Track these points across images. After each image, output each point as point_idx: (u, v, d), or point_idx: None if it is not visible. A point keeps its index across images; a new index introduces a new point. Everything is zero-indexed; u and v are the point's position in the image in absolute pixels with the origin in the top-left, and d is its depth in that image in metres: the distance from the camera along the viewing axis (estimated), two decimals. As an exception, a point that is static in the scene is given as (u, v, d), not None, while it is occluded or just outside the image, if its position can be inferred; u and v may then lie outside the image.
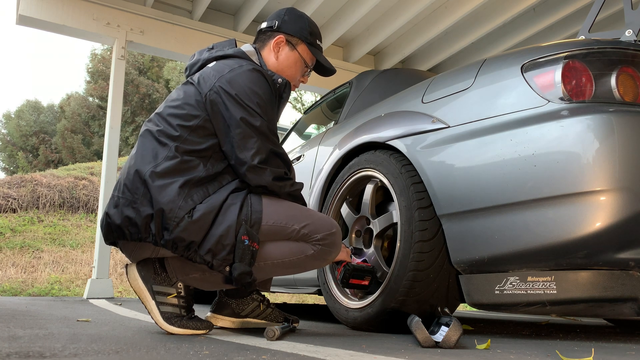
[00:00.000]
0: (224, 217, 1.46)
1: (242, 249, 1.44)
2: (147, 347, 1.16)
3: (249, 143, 1.50)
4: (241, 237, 1.44)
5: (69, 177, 9.26)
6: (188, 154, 1.49)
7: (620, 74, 1.42)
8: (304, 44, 1.74)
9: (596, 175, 1.30)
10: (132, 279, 1.50)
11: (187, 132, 1.51)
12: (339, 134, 2.32)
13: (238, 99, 1.50)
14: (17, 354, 0.99)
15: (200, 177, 1.48)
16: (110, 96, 4.47)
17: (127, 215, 1.45)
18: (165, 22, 4.72)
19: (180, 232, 1.42)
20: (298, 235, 1.52)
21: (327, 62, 1.80)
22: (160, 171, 1.46)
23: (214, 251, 1.45)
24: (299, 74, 1.77)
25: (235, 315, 1.74)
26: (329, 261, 1.61)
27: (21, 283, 6.03)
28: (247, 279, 1.46)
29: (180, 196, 1.44)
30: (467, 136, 1.56)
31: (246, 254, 1.45)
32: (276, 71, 1.72)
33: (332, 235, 1.56)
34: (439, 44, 5.41)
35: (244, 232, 1.45)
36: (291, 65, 1.73)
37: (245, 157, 1.50)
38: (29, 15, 4.22)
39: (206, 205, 1.45)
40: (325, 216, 1.61)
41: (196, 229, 1.43)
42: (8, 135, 19.45)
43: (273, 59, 1.72)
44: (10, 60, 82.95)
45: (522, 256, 1.41)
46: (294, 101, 19.38)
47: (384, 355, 1.13)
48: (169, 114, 1.55)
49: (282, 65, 1.72)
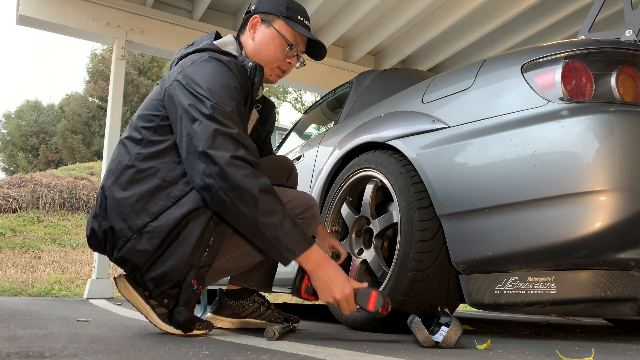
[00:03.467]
0: (175, 249, 1.35)
1: (190, 293, 1.36)
2: (147, 347, 1.16)
3: (193, 129, 1.34)
4: (191, 281, 1.36)
5: (69, 177, 9.27)
6: (148, 160, 1.41)
7: (620, 74, 1.42)
8: (280, 19, 1.60)
9: (596, 175, 1.30)
10: (123, 288, 1.45)
11: (150, 133, 1.44)
12: (339, 134, 2.32)
13: (189, 87, 1.40)
14: (17, 354, 0.99)
15: (158, 184, 1.38)
16: (110, 96, 4.47)
17: (92, 227, 1.44)
18: (165, 22, 4.72)
19: (125, 252, 1.37)
20: None
21: (309, 33, 1.61)
22: (119, 184, 1.40)
23: (156, 281, 1.38)
24: (280, 52, 1.60)
25: (234, 315, 1.74)
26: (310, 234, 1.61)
27: (21, 283, 6.03)
28: (191, 325, 1.38)
29: (134, 212, 1.36)
30: (467, 136, 1.56)
31: (192, 299, 1.37)
32: (254, 53, 1.60)
33: (310, 208, 1.56)
34: (439, 44, 5.41)
35: (193, 275, 1.36)
36: (268, 43, 1.59)
37: (189, 147, 1.35)
38: (29, 15, 4.23)
39: (158, 225, 1.35)
40: (303, 192, 1.61)
41: (140, 253, 1.36)
42: (8, 135, 19.46)
43: (250, 41, 1.62)
44: (10, 60, 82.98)
45: (522, 256, 1.41)
46: (294, 101, 19.39)
47: (384, 355, 1.13)
48: (136, 118, 1.50)
49: (259, 45, 1.60)
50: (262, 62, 1.61)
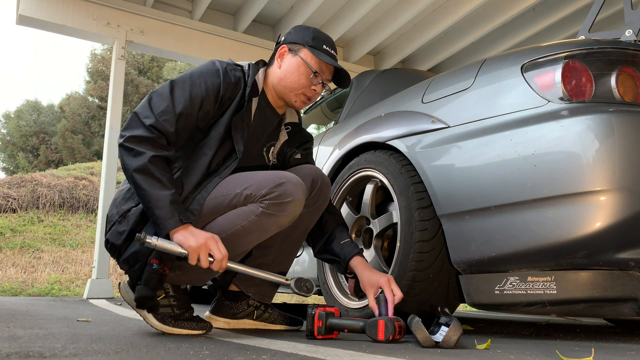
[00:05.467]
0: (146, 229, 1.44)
1: (149, 272, 1.40)
2: (147, 347, 1.16)
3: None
4: (150, 261, 1.40)
5: (69, 177, 9.27)
6: None
7: (620, 74, 1.42)
8: (305, 48, 1.65)
9: (596, 175, 1.30)
10: (124, 293, 1.56)
11: None
12: (339, 134, 2.32)
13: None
14: (17, 354, 0.99)
15: None
16: (110, 96, 4.47)
17: None
18: (165, 22, 4.72)
19: (109, 235, 1.50)
20: (241, 199, 1.49)
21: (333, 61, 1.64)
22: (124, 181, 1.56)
23: (129, 263, 1.48)
24: (305, 79, 1.64)
25: (230, 316, 1.74)
26: (288, 214, 1.50)
27: (21, 283, 6.03)
28: (148, 303, 1.42)
29: (124, 199, 1.50)
30: (467, 136, 1.56)
31: (152, 278, 1.40)
32: (280, 80, 1.66)
33: (279, 186, 1.47)
34: (439, 44, 5.41)
35: (154, 255, 1.40)
36: (293, 70, 1.64)
37: None
38: (29, 15, 4.22)
39: (138, 210, 1.46)
40: (274, 172, 1.54)
41: (119, 235, 1.47)
42: (8, 135, 19.45)
43: (277, 70, 1.67)
44: (10, 60, 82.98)
45: (522, 256, 1.41)
46: (294, 101, 19.40)
47: (384, 355, 1.12)
48: None
49: (285, 73, 1.65)
50: (288, 89, 1.65)
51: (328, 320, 1.45)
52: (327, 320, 1.45)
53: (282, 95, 1.67)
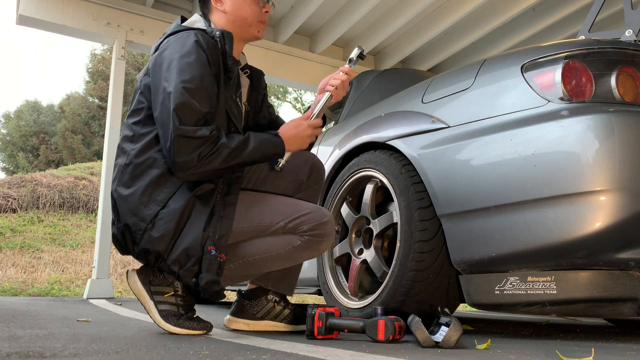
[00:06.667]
0: (190, 226, 1.43)
1: (209, 259, 1.41)
2: (147, 347, 1.16)
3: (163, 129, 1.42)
4: (208, 248, 1.41)
5: (69, 177, 9.27)
6: (142, 153, 1.47)
7: (620, 74, 1.42)
8: None
9: (596, 175, 1.30)
10: (132, 282, 1.54)
11: (139, 127, 1.51)
12: (339, 134, 2.32)
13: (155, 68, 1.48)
14: (17, 354, 0.99)
15: (160, 173, 1.46)
16: (110, 96, 4.46)
17: (113, 232, 1.54)
18: (165, 22, 4.71)
19: (144, 243, 1.45)
20: (285, 229, 1.51)
21: None
22: (123, 184, 1.48)
23: (180, 262, 1.44)
24: (255, 6, 1.62)
25: (251, 317, 1.70)
26: (321, 251, 1.57)
27: (21, 283, 6.03)
28: (215, 287, 1.42)
29: (142, 204, 1.44)
30: (467, 136, 1.56)
31: (213, 265, 1.41)
32: (232, 22, 1.61)
33: (323, 225, 1.51)
34: (439, 44, 5.40)
35: (210, 243, 1.42)
36: (241, 5, 1.60)
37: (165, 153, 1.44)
38: (29, 15, 4.22)
39: (168, 211, 1.43)
40: (316, 206, 1.56)
41: (159, 240, 1.43)
42: (8, 135, 19.45)
43: (222, 14, 1.61)
44: (10, 60, 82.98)
45: (522, 256, 1.41)
46: (293, 101, 19.39)
47: (384, 355, 1.13)
48: (127, 117, 1.56)
49: (234, 13, 1.60)
50: (246, 24, 1.62)
51: (328, 320, 1.45)
52: (327, 320, 1.45)
53: (240, 34, 1.63)
